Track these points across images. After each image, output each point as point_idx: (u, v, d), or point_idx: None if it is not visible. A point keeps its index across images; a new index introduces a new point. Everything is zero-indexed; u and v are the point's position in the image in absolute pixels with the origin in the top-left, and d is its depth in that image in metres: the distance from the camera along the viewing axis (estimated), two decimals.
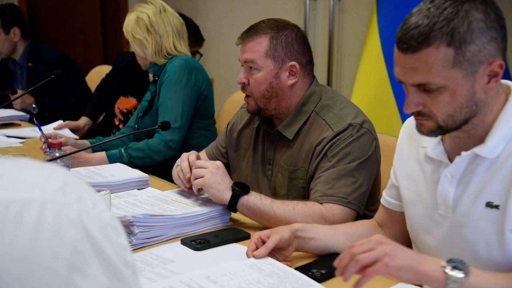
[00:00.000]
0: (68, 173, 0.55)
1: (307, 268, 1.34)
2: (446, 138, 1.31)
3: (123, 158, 2.28)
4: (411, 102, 1.19)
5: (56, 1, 5.57)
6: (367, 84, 3.21)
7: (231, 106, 2.83)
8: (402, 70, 1.18)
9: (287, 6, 4.12)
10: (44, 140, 2.21)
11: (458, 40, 1.11)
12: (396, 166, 1.46)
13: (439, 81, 1.14)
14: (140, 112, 2.59)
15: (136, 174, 2.02)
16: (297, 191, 1.77)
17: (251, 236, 1.43)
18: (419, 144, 1.38)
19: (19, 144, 2.70)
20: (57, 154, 1.89)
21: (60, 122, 3.05)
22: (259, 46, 1.74)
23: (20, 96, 3.27)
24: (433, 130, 1.22)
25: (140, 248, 1.48)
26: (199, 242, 1.50)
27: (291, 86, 1.77)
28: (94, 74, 4.05)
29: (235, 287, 1.22)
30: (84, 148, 2.22)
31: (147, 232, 1.51)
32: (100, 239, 0.50)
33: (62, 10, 5.59)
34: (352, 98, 3.27)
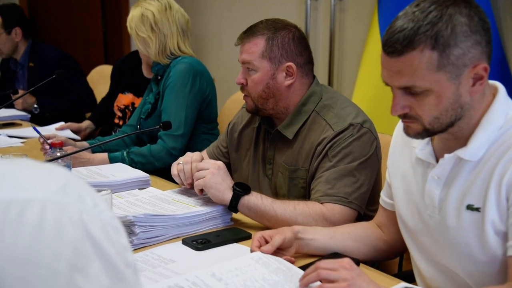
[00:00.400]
0: (69, 173, 0.55)
1: None
2: (435, 139, 1.32)
3: (124, 161, 2.27)
4: (397, 104, 1.21)
5: (56, 0, 5.56)
6: (368, 84, 3.21)
7: (232, 106, 2.83)
8: (388, 73, 1.20)
9: (288, 6, 4.11)
10: (43, 141, 2.21)
11: (442, 44, 1.13)
12: (389, 165, 1.47)
13: (424, 84, 1.15)
14: (143, 114, 2.58)
15: (137, 174, 2.02)
16: (297, 191, 1.77)
17: (253, 235, 1.44)
18: (411, 144, 1.39)
19: (20, 144, 2.70)
20: (58, 154, 1.89)
21: (62, 123, 3.05)
22: (256, 47, 1.75)
23: (21, 96, 3.26)
24: (419, 132, 1.23)
25: (141, 248, 1.48)
26: (200, 242, 1.50)
27: (289, 87, 1.77)
28: (95, 73, 4.04)
29: (240, 284, 1.22)
30: (86, 148, 2.22)
31: (148, 232, 1.51)
32: (101, 239, 0.50)
33: (63, 9, 5.58)
34: (353, 98, 3.27)
